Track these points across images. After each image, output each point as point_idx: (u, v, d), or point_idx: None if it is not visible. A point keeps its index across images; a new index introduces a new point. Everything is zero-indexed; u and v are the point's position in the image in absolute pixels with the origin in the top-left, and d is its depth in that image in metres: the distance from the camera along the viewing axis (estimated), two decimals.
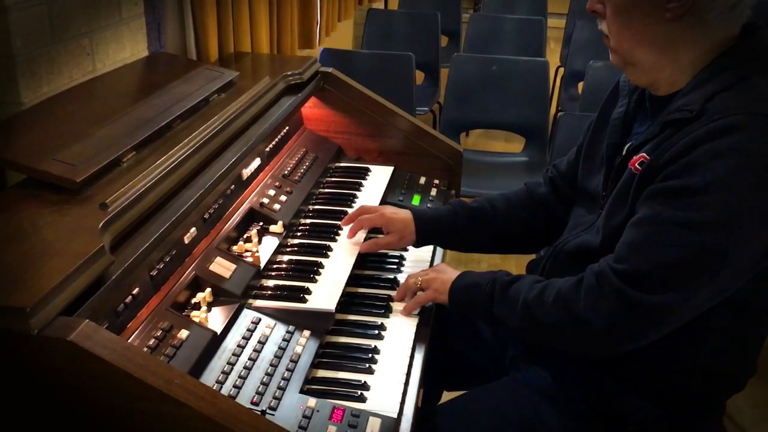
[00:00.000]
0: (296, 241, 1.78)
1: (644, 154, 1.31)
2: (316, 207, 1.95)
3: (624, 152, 1.40)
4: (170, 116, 1.60)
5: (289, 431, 1.05)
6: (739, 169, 1.17)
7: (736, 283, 1.25)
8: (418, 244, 1.74)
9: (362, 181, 2.12)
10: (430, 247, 1.87)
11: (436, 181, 2.22)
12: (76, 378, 0.96)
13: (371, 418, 1.27)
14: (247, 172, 1.82)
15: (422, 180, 2.22)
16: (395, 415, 1.30)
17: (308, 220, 1.88)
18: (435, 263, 1.83)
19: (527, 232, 1.72)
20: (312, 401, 1.29)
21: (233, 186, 1.73)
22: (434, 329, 1.62)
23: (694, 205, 1.20)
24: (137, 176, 1.34)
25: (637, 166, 1.31)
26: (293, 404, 1.28)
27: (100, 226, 1.16)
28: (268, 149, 1.97)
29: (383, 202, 2.04)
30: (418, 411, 1.36)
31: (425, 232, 1.71)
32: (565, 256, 1.50)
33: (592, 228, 1.45)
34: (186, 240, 1.49)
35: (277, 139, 2.04)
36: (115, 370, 0.95)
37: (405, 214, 1.72)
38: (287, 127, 2.12)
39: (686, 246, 1.20)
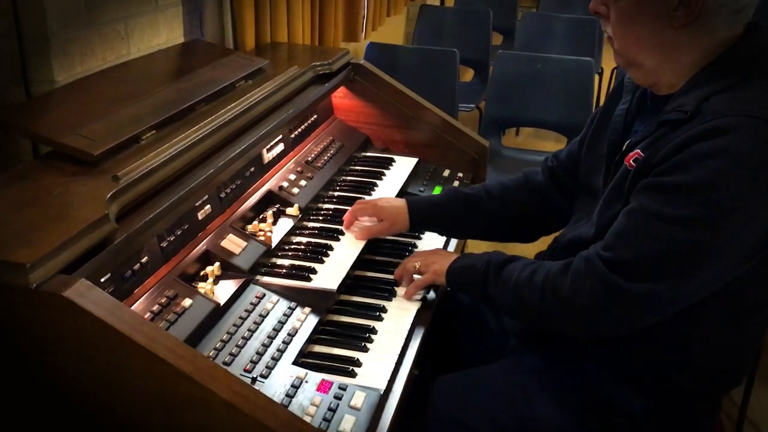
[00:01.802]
0: (310, 224, 1.85)
1: (639, 151, 1.33)
2: (336, 193, 2.02)
3: (624, 148, 1.42)
4: (194, 99, 1.69)
5: (264, 394, 1.11)
6: (728, 170, 1.19)
7: (719, 281, 1.27)
8: (412, 230, 1.80)
9: (385, 171, 2.18)
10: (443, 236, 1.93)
11: (460, 174, 2.26)
12: (67, 332, 1.05)
13: (357, 392, 1.33)
14: (269, 156, 1.90)
15: (446, 172, 2.26)
16: (382, 391, 1.36)
17: (326, 205, 1.95)
18: (449, 248, 1.88)
19: (521, 219, 1.76)
20: (302, 372, 1.36)
21: (253, 168, 1.81)
22: (440, 316, 1.67)
23: (681, 202, 1.22)
24: (151, 153, 1.42)
25: (632, 163, 1.34)
26: (284, 374, 1.35)
27: (108, 196, 1.25)
28: (293, 135, 2.05)
29: (403, 192, 2.10)
30: (408, 390, 1.41)
31: (417, 218, 1.76)
32: (561, 248, 1.54)
33: (588, 221, 1.48)
34: (200, 216, 1.58)
35: (303, 126, 2.12)
36: (103, 326, 1.03)
37: (398, 202, 1.77)
38: (315, 116, 2.20)
39: (670, 240, 1.23)
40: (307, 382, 1.34)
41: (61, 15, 1.56)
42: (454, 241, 1.95)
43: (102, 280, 1.24)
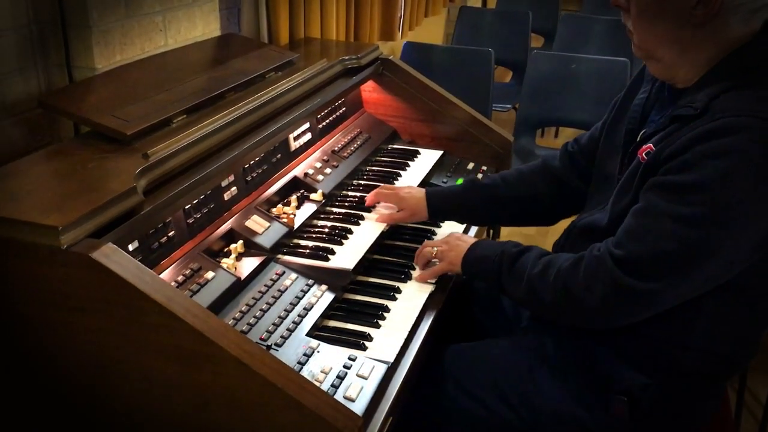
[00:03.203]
0: (333, 209, 1.93)
1: (651, 144, 1.37)
2: (360, 182, 2.10)
3: (638, 139, 1.46)
4: (224, 87, 1.79)
5: (272, 355, 1.19)
6: (734, 170, 1.22)
7: (725, 275, 1.31)
8: (431, 219, 1.87)
9: (409, 162, 2.25)
10: (463, 224, 1.99)
11: (484, 168, 2.32)
12: (93, 290, 1.15)
13: (366, 362, 1.40)
14: (296, 144, 1.98)
15: (470, 165, 2.33)
16: (390, 363, 1.42)
17: (350, 193, 2.03)
18: (470, 233, 1.95)
19: (538, 204, 1.81)
20: (314, 343, 1.43)
21: (280, 155, 1.90)
22: (456, 297, 1.74)
23: (689, 201, 1.26)
24: (181, 135, 1.52)
25: (644, 156, 1.38)
26: (298, 344, 1.43)
27: (137, 171, 1.35)
28: (321, 126, 2.13)
29: (425, 182, 2.17)
30: (417, 365, 1.48)
31: (436, 209, 1.84)
32: (577, 233, 1.59)
33: (604, 208, 1.53)
34: (226, 197, 1.67)
35: (332, 118, 2.20)
36: (125, 284, 1.12)
37: (419, 192, 1.85)
38: (344, 108, 2.28)
39: (678, 238, 1.27)
40: (319, 352, 1.41)
41: (101, 5, 1.67)
42: (474, 228, 2.01)
43: (131, 248, 1.33)
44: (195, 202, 1.55)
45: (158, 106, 1.62)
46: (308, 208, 1.86)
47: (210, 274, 1.48)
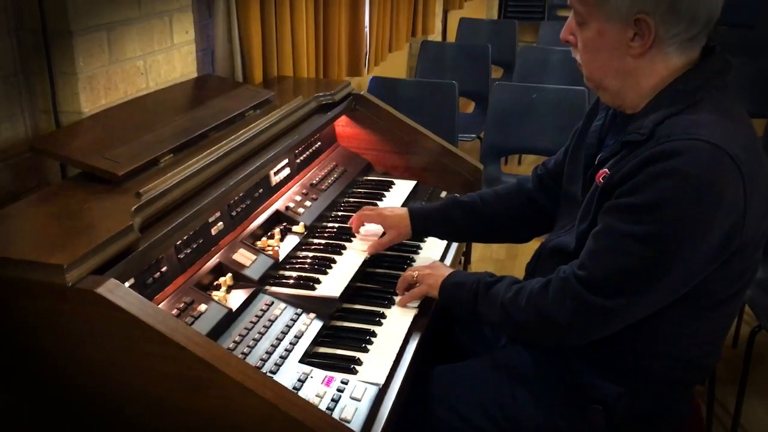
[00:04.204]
0: (315, 240, 1.99)
1: (606, 169, 1.46)
2: (339, 213, 2.17)
3: (596, 162, 1.56)
4: (207, 126, 1.86)
5: (273, 378, 1.24)
6: (679, 189, 1.31)
7: (684, 287, 1.40)
8: (414, 236, 1.96)
9: (385, 192, 2.33)
10: (441, 248, 2.07)
11: (457, 195, 2.40)
12: (98, 324, 1.20)
13: (358, 384, 1.46)
14: (276, 179, 2.05)
15: (443, 194, 2.41)
16: (381, 385, 1.49)
17: (329, 224, 2.10)
18: (446, 262, 2.03)
19: (514, 222, 1.91)
20: (308, 369, 1.49)
21: (261, 190, 1.96)
22: (439, 319, 1.81)
23: (642, 220, 1.35)
24: (169, 174, 1.58)
25: (601, 180, 1.47)
26: (292, 370, 1.48)
27: (132, 209, 1.41)
28: (299, 161, 2.21)
29: None
30: (406, 386, 1.54)
31: (419, 226, 1.92)
32: (547, 254, 1.67)
33: (571, 230, 1.62)
34: (213, 232, 1.73)
35: (309, 152, 2.28)
36: (129, 317, 1.18)
37: (401, 211, 1.93)
38: (320, 142, 2.36)
39: (636, 257, 1.36)
40: (312, 377, 1.47)
41: (86, 52, 1.73)
42: (453, 247, 2.10)
43: (127, 285, 1.38)
44: (185, 237, 1.61)
45: (145, 147, 1.68)
46: (291, 240, 1.93)
47: (203, 307, 1.54)
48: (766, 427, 2.78)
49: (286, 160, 2.12)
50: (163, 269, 1.53)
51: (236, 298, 1.65)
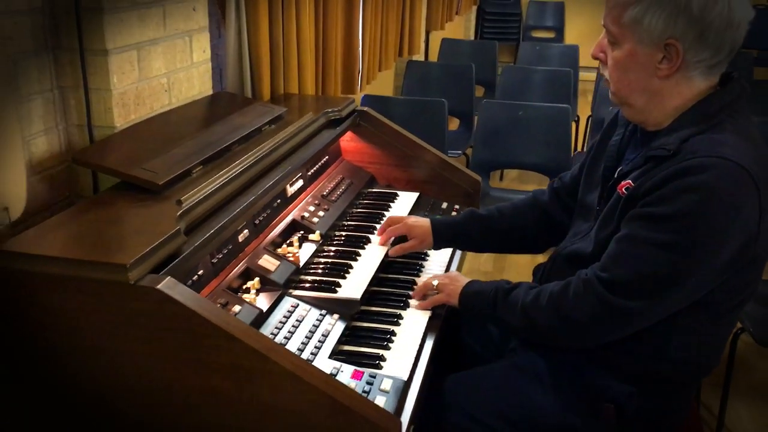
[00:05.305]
0: (331, 247, 2.11)
1: (629, 181, 1.58)
2: (349, 223, 2.28)
3: (616, 175, 1.67)
4: (230, 140, 1.96)
5: (318, 367, 1.35)
6: (703, 203, 1.43)
7: (699, 293, 1.51)
8: (435, 247, 2.07)
9: (390, 203, 2.45)
10: (447, 255, 2.20)
11: (457, 206, 2.53)
12: (160, 317, 1.30)
13: (385, 379, 1.57)
14: (291, 190, 2.16)
15: (444, 205, 2.54)
16: (405, 379, 1.60)
17: (342, 233, 2.21)
18: (451, 269, 2.15)
19: (530, 234, 2.03)
20: (338, 364, 1.60)
21: (279, 200, 2.07)
22: (447, 325, 1.92)
23: (665, 229, 1.46)
24: (203, 183, 1.68)
25: (624, 191, 1.58)
26: (323, 365, 1.59)
27: (178, 214, 1.51)
28: (310, 173, 2.32)
29: None
30: (427, 381, 1.65)
31: (441, 238, 2.05)
32: (562, 260, 1.78)
33: (586, 237, 1.72)
34: (240, 239, 1.83)
35: (318, 165, 2.39)
36: (188, 311, 1.28)
37: (425, 222, 2.06)
38: (327, 156, 2.48)
39: (657, 262, 1.47)
40: (342, 371, 1.58)
41: (120, 69, 1.83)
42: (458, 255, 2.22)
43: None
44: (218, 243, 1.71)
45: (177, 159, 1.79)
46: (309, 247, 2.03)
47: (237, 308, 1.64)
48: (749, 428, 2.92)
49: (300, 173, 2.23)
50: (200, 272, 1.63)
51: (264, 300, 1.75)
